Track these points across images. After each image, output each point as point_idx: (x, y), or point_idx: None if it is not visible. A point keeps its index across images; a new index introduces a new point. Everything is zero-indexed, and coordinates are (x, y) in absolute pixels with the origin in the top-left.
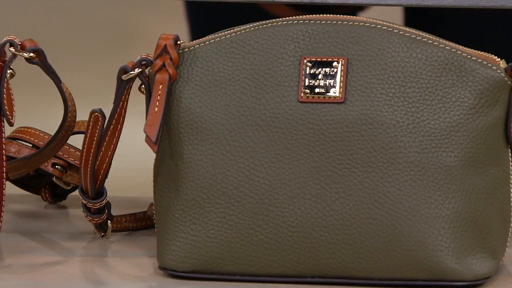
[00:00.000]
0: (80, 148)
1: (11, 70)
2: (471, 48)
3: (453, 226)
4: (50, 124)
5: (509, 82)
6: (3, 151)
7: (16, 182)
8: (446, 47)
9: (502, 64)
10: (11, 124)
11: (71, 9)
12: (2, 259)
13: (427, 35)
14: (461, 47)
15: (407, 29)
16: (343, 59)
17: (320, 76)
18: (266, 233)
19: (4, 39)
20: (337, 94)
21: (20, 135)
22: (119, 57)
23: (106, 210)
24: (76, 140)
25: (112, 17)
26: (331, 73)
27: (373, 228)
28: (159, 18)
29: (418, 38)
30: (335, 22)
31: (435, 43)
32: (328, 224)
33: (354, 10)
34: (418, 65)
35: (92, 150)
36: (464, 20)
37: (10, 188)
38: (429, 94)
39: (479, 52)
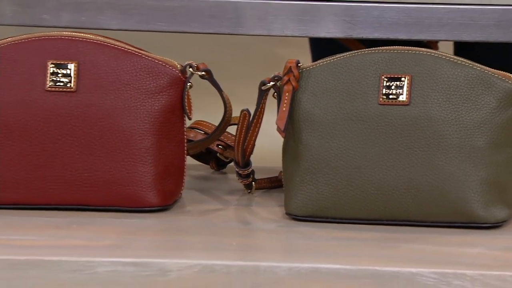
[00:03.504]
0: (235, 134)
1: (190, 83)
2: (496, 69)
3: (481, 187)
4: (215, 118)
5: None
6: (185, 136)
7: (193, 156)
8: (478, 68)
9: None
10: (190, 119)
11: (234, 43)
12: (184, 207)
13: (465, 60)
14: (488, 68)
15: (451, 55)
16: (409, 76)
17: (393, 87)
18: (356, 191)
19: (186, 63)
20: (404, 99)
21: (196, 125)
22: (262, 76)
23: (251, 175)
24: (232, 129)
25: (260, 49)
26: (400, 85)
27: (428, 188)
28: (292, 50)
29: (459, 62)
30: (402, 51)
31: (470, 65)
32: (398, 185)
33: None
34: (458, 80)
35: (242, 135)
36: (496, 48)
37: (190, 160)
38: (466, 99)
39: (500, 71)
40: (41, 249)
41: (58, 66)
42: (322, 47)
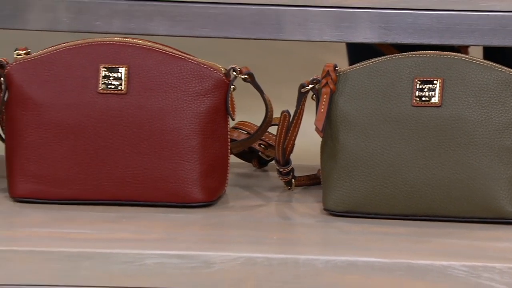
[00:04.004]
0: (276, 134)
1: (233, 86)
2: None
3: (510, 185)
4: (257, 119)
5: None
6: (228, 136)
7: (236, 155)
8: (506, 71)
9: None
10: (233, 119)
11: (275, 48)
12: (228, 202)
13: (494, 64)
14: None
15: (481, 59)
16: (441, 79)
17: (425, 90)
18: (390, 188)
19: (229, 67)
20: (436, 101)
21: (239, 126)
22: (302, 79)
23: (291, 173)
24: (273, 129)
25: (300, 54)
26: (432, 87)
27: (459, 185)
28: (331, 55)
29: (488, 65)
30: (435, 56)
31: (499, 69)
32: (430, 182)
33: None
34: (488, 83)
35: (282, 135)
36: None
37: (233, 159)
38: (495, 101)
39: None
40: (93, 242)
41: (109, 69)
42: (358, 52)
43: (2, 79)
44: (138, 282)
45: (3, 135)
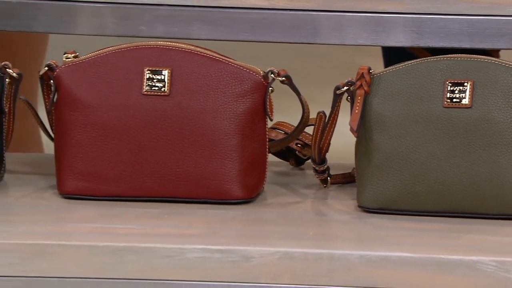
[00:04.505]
0: (312, 134)
1: (271, 88)
2: None
3: None
4: (294, 119)
5: None
6: (267, 135)
7: (274, 154)
8: None
9: None
10: (271, 120)
11: (312, 51)
12: (266, 199)
13: None
14: None
15: (510, 62)
16: (471, 81)
17: (456, 91)
18: (422, 186)
19: (268, 69)
20: (467, 102)
21: (277, 126)
22: (337, 81)
23: (327, 171)
24: (310, 129)
25: (337, 57)
26: (463, 89)
27: (488, 184)
28: (367, 58)
29: None
30: (465, 59)
31: None
32: (461, 181)
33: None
34: None
35: (318, 135)
36: None
37: (271, 157)
38: None
39: None
40: (137, 237)
41: (153, 72)
42: (393, 55)
43: (51, 81)
44: (180, 276)
45: (52, 135)
